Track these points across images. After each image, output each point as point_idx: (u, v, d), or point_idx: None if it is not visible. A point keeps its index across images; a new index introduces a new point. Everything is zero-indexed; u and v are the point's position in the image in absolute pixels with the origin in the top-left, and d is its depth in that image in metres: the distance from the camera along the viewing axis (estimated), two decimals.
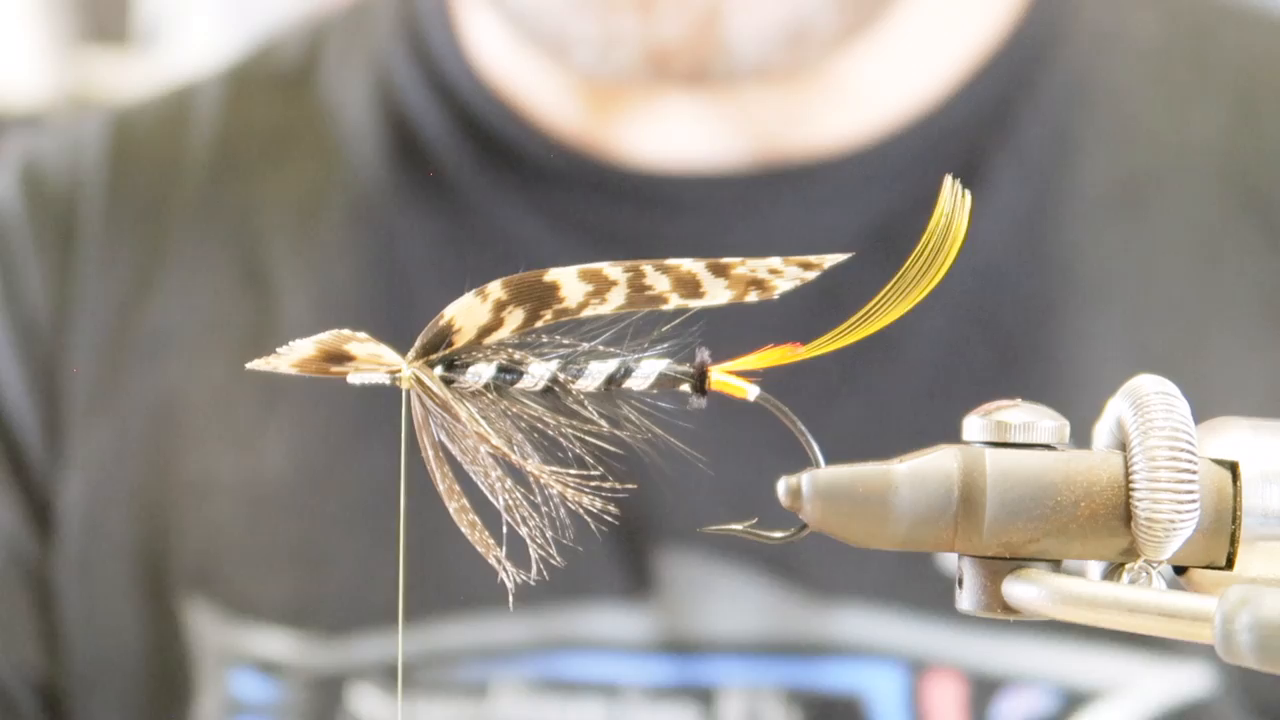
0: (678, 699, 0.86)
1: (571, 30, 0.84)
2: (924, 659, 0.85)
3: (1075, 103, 0.91)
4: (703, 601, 0.86)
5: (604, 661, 0.87)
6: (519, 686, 0.87)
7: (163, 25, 2.66)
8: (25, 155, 0.99)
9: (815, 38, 0.85)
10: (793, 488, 0.45)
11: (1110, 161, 0.90)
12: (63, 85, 2.76)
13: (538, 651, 0.87)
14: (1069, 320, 0.87)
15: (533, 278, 0.46)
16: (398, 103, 0.94)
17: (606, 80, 0.88)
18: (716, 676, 0.86)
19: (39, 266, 0.94)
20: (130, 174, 0.96)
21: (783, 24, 0.83)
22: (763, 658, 0.86)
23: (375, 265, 0.93)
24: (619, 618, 0.87)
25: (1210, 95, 0.92)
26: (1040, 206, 0.89)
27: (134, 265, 0.94)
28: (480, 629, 0.88)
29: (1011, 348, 0.88)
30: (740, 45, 0.83)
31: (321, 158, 0.95)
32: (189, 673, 0.91)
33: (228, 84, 0.99)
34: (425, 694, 0.88)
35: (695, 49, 0.83)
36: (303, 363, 0.47)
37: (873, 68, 0.90)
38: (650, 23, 0.82)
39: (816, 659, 0.85)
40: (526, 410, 0.47)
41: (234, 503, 0.91)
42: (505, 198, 0.92)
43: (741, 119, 0.90)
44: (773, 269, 0.47)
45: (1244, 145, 0.91)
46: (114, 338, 0.93)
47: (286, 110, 0.97)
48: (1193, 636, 0.41)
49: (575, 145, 0.91)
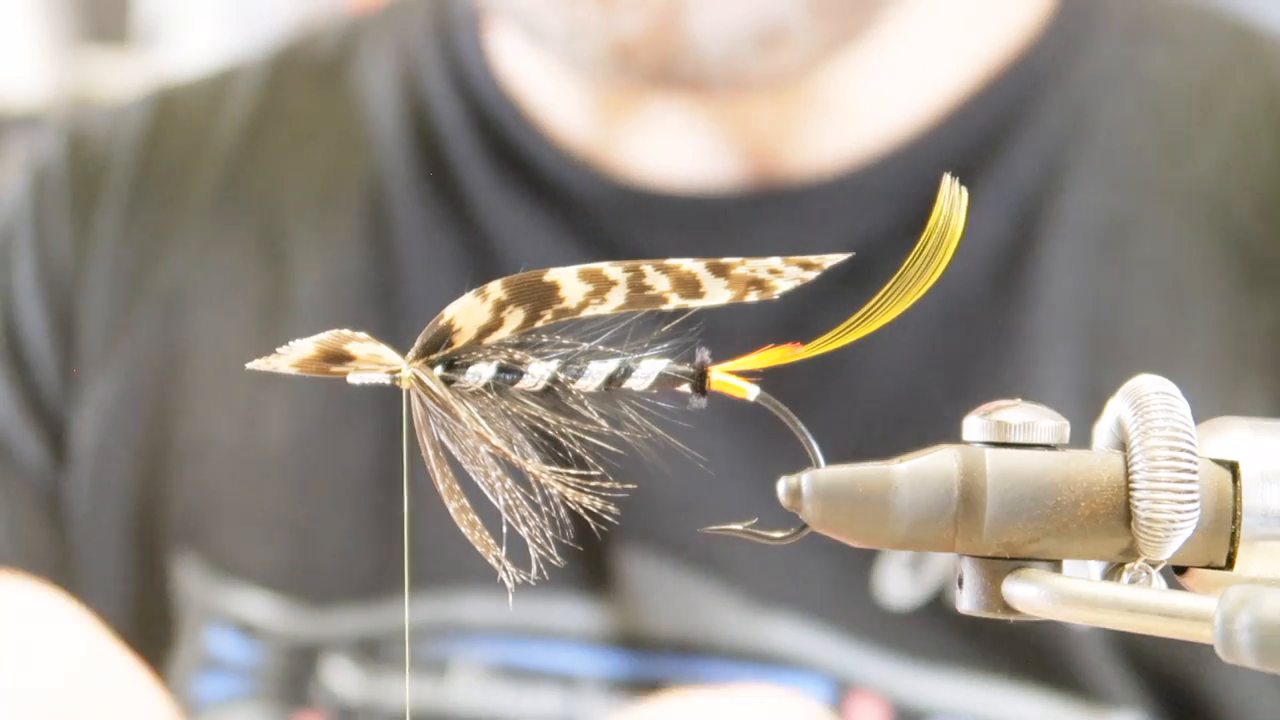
0: (631, 693, 0.87)
1: (539, 20, 0.85)
2: (849, 679, 0.85)
3: (1071, 137, 0.90)
4: (653, 600, 0.87)
5: (563, 652, 0.88)
6: (478, 669, 0.88)
7: (163, 25, 2.66)
8: (75, 121, 1.05)
9: (792, 44, 0.85)
10: (793, 488, 0.45)
11: (1098, 199, 0.90)
12: (63, 85, 2.76)
13: (498, 636, 0.88)
14: (1031, 354, 0.87)
15: (533, 278, 0.46)
16: (420, 98, 0.97)
17: (597, 83, 0.89)
18: (666, 673, 0.87)
19: (69, 220, 0.99)
20: (163, 144, 1.00)
21: (749, 24, 0.83)
22: (701, 659, 0.87)
23: (385, 253, 0.94)
24: (579, 611, 0.88)
25: (1211, 135, 0.91)
26: (1020, 238, 0.89)
27: (155, 226, 0.98)
28: (443, 607, 0.89)
29: (967, 379, 0.88)
30: (705, 43, 0.83)
31: (345, 145, 0.98)
32: (170, 624, 0.94)
33: (268, 68, 1.02)
34: (391, 669, 0.89)
35: (658, 45, 0.84)
36: (303, 362, 0.47)
37: (868, 83, 0.90)
38: (611, 16, 0.83)
39: (748, 665, 0.86)
40: (527, 410, 0.47)
41: (231, 464, 0.93)
42: (512, 199, 0.93)
43: (740, 136, 0.90)
44: (773, 269, 0.47)
45: (1236, 182, 0.90)
46: (129, 292, 0.96)
47: (318, 98, 1.00)
48: (1192, 636, 0.41)
49: (582, 156, 0.92)
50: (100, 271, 0.97)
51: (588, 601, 0.88)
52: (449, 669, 0.88)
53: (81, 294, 0.97)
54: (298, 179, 0.98)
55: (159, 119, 1.02)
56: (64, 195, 1.00)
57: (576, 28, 0.84)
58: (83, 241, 0.98)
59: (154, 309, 0.96)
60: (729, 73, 0.85)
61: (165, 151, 1.00)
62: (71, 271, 0.98)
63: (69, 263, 0.98)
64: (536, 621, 0.88)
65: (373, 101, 0.98)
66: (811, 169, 0.90)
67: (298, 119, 1.00)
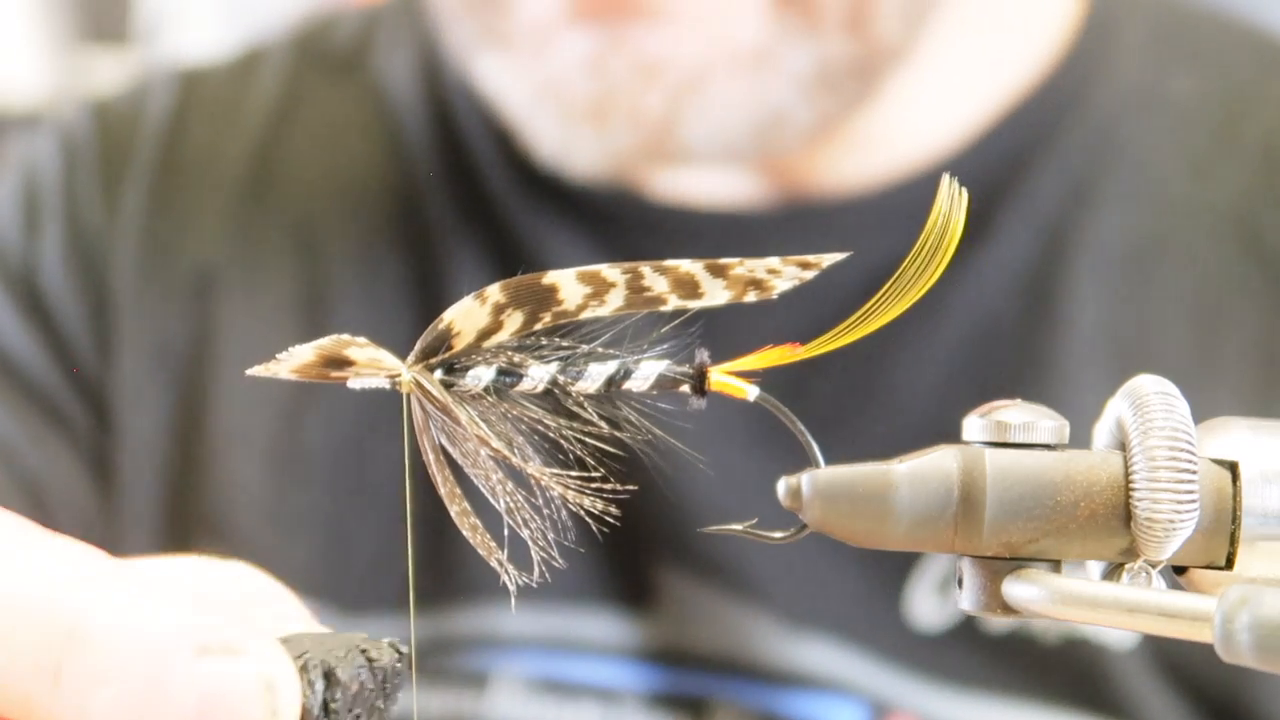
0: (670, 708, 0.87)
1: (536, 125, 0.86)
2: (887, 702, 0.85)
3: (1097, 160, 0.90)
4: (691, 617, 0.87)
5: (602, 666, 0.88)
6: (518, 682, 0.88)
7: (162, 25, 2.66)
8: (97, 95, 1.06)
9: (791, 126, 0.85)
10: (793, 488, 0.45)
11: (1125, 220, 0.89)
12: (63, 85, 2.76)
13: (539, 649, 0.88)
14: (1061, 375, 0.87)
15: (531, 280, 0.46)
16: (441, 97, 0.97)
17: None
18: (706, 690, 0.86)
19: (100, 192, 0.99)
20: (190, 125, 1.01)
21: (745, 118, 0.84)
22: (738, 678, 0.87)
23: (418, 249, 0.94)
24: (619, 625, 0.88)
25: (1237, 157, 0.91)
26: (1047, 260, 0.89)
27: (183, 206, 0.98)
28: (485, 619, 0.88)
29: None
30: (702, 144, 0.84)
31: (370, 138, 0.99)
32: None
33: (290, 54, 1.03)
34: (427, 681, 0.88)
35: (654, 155, 0.84)
36: (302, 368, 0.47)
37: (892, 119, 0.90)
38: (605, 135, 0.83)
39: (785, 686, 0.86)
40: (527, 413, 0.47)
41: (263, 462, 0.92)
42: (536, 204, 0.93)
43: (765, 162, 0.90)
44: (771, 269, 0.47)
45: (1263, 202, 0.90)
46: (157, 270, 0.97)
47: (340, 88, 1.01)
48: (1192, 636, 0.41)
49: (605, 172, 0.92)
50: (128, 246, 0.97)
51: (627, 616, 0.88)
52: (489, 681, 0.88)
53: (111, 266, 0.97)
54: (324, 169, 0.98)
55: (185, 99, 1.02)
56: (94, 167, 1.00)
57: (571, 143, 0.84)
58: (112, 214, 0.98)
59: (182, 290, 0.96)
60: (728, 158, 0.86)
61: (192, 132, 1.01)
62: (103, 242, 0.98)
63: (100, 234, 0.98)
64: (576, 635, 0.88)
65: (394, 96, 0.98)
66: (838, 190, 0.90)
67: (321, 108, 1.00)
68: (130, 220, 0.97)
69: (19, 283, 0.98)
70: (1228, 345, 0.87)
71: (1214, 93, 0.93)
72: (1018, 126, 0.90)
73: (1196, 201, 0.90)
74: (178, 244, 0.97)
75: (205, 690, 0.37)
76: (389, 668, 0.44)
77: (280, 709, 0.38)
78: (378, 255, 0.95)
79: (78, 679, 0.37)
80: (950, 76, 0.91)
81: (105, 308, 0.96)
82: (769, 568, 0.87)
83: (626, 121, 0.83)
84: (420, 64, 0.99)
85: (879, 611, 0.86)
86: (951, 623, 0.86)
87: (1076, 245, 0.88)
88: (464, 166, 0.95)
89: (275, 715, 0.37)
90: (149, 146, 0.99)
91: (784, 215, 0.91)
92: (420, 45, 0.99)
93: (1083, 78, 0.91)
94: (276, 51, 1.03)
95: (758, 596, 0.87)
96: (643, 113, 0.83)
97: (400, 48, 1.00)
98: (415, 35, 1.00)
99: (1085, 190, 0.90)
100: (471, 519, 0.47)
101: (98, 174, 0.99)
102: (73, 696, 0.37)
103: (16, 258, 0.99)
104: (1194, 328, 0.88)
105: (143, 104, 1.02)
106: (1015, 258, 0.88)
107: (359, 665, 0.43)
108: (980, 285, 0.89)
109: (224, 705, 0.37)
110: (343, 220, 0.96)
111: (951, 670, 0.85)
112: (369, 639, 0.44)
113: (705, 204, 0.91)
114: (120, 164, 0.99)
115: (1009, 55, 0.91)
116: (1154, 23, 0.95)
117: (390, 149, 0.97)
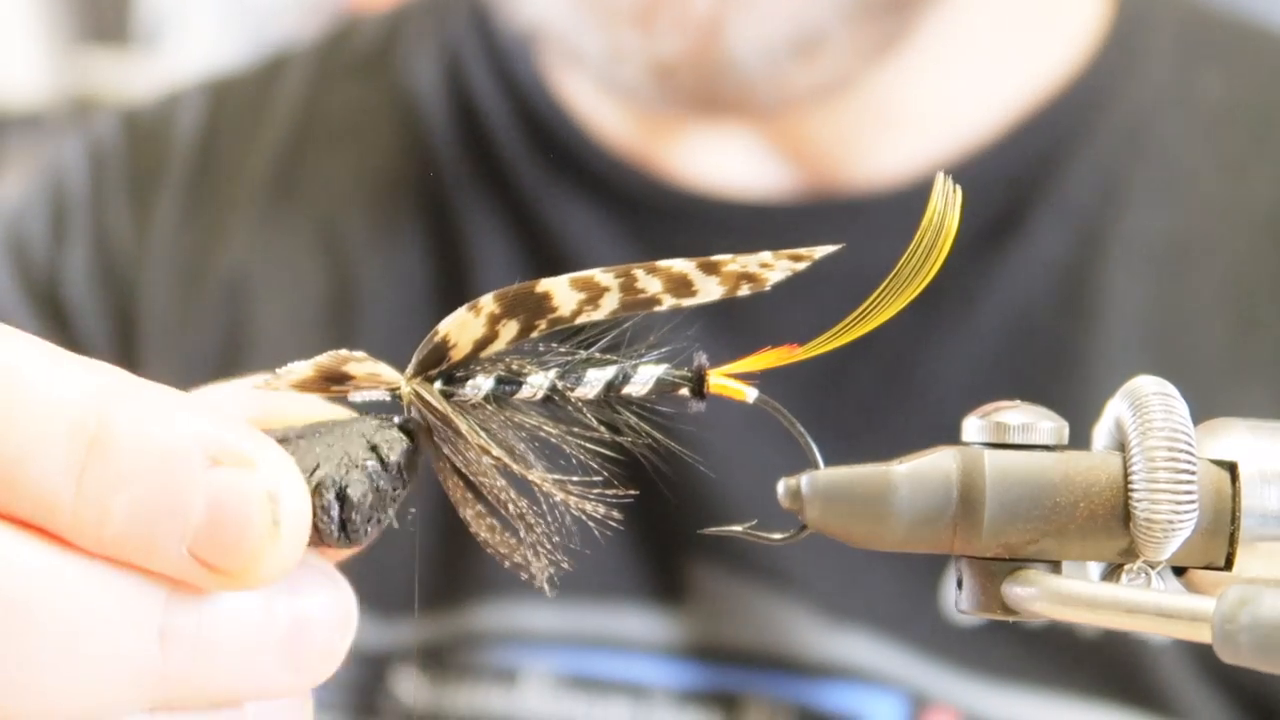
0: (702, 704, 0.87)
1: (579, 43, 0.85)
2: (926, 695, 0.85)
3: (1129, 156, 0.90)
4: (724, 612, 0.87)
5: (633, 662, 0.88)
6: (547, 678, 0.88)
7: (163, 26, 2.66)
8: (128, 105, 1.06)
9: (830, 52, 0.85)
10: (792, 489, 0.45)
11: (1158, 217, 0.89)
12: (63, 85, 2.76)
13: (570, 645, 0.88)
14: (1096, 372, 0.87)
15: (525, 289, 0.46)
16: (467, 95, 0.97)
17: (640, 108, 0.89)
18: (739, 685, 0.86)
19: (127, 204, 1.00)
20: (219, 135, 1.02)
21: (786, 35, 0.83)
22: (774, 673, 0.86)
23: (446, 249, 0.94)
24: (650, 621, 0.88)
25: (1268, 154, 0.91)
26: (1081, 256, 0.89)
27: (213, 216, 0.99)
28: (515, 615, 0.89)
29: (1032, 397, 0.88)
30: (744, 58, 0.83)
31: (395, 139, 0.99)
32: None
33: (314, 60, 1.03)
34: (456, 677, 0.88)
35: (698, 63, 0.83)
36: (302, 383, 0.47)
37: (920, 95, 0.90)
38: (652, 38, 0.82)
39: (824, 679, 0.86)
40: (528, 420, 0.47)
41: None
42: (565, 198, 0.94)
43: (793, 148, 0.90)
44: (764, 263, 0.47)
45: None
46: (189, 281, 0.97)
47: (365, 89, 1.02)
48: (1191, 636, 0.41)
49: (629, 159, 0.92)
50: (160, 259, 0.97)
51: (658, 612, 0.88)
52: (519, 678, 0.88)
53: (141, 281, 0.97)
54: (349, 171, 0.99)
55: (215, 111, 1.03)
56: (124, 181, 1.00)
57: (617, 51, 0.84)
58: (142, 229, 0.98)
59: (215, 299, 0.96)
60: (770, 87, 0.85)
61: (222, 144, 1.01)
62: (131, 258, 0.98)
63: (129, 249, 0.98)
64: (607, 631, 0.88)
65: (419, 96, 0.98)
66: (868, 181, 0.90)
67: (345, 110, 1.01)
68: (161, 234, 0.98)
69: (43, 295, 0.98)
70: (1262, 342, 0.87)
71: (1244, 93, 0.93)
72: (1048, 124, 0.90)
73: (1229, 200, 0.90)
74: (209, 255, 0.97)
75: (214, 497, 0.40)
76: (403, 458, 0.45)
77: (281, 518, 0.41)
78: (404, 249, 0.95)
79: (99, 483, 0.40)
80: (978, 66, 0.91)
81: (131, 322, 0.97)
82: (803, 561, 0.86)
83: (673, 24, 0.82)
84: (445, 58, 0.99)
85: (915, 604, 0.85)
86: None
87: (1110, 242, 0.88)
88: (489, 158, 0.95)
89: (277, 524, 0.40)
90: (180, 161, 1.00)
91: (812, 207, 0.91)
92: (445, 40, 1.00)
93: (1112, 76, 0.91)
94: (301, 58, 1.04)
95: (792, 590, 0.87)
96: (689, 15, 0.82)
97: (425, 43, 1.00)
98: (440, 29, 1.00)
99: (1117, 187, 0.90)
100: (488, 520, 0.47)
101: (127, 188, 1.00)
102: (94, 499, 0.40)
103: (42, 270, 0.99)
104: (1228, 324, 0.88)
105: (173, 116, 1.02)
106: (1049, 254, 0.88)
107: (371, 470, 0.44)
108: (1015, 281, 0.89)
109: (230, 512, 0.40)
110: (368, 215, 0.97)
111: (989, 663, 0.85)
112: (381, 425, 0.46)
113: (733, 193, 0.91)
114: (151, 178, 1.00)
115: (1037, 51, 0.92)
116: (1181, 24, 0.95)
117: (415, 142, 0.98)
